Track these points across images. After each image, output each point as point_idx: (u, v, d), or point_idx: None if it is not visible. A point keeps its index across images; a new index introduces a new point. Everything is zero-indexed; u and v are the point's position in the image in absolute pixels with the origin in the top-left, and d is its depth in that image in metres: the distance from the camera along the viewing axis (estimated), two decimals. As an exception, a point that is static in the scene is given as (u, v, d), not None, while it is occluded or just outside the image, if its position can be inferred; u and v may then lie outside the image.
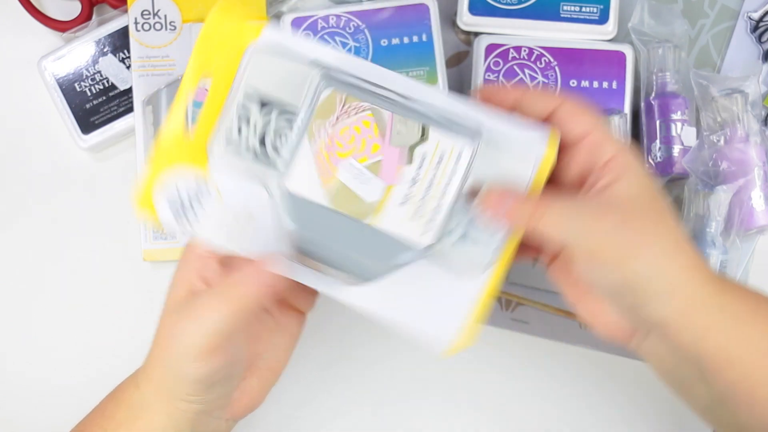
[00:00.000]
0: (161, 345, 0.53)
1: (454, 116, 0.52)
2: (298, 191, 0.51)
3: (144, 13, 0.72)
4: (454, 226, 0.52)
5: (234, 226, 0.53)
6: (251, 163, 0.52)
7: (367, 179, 0.51)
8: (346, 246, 0.51)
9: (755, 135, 0.70)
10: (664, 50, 0.71)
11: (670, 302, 0.50)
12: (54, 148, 0.74)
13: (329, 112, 0.51)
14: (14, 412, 0.72)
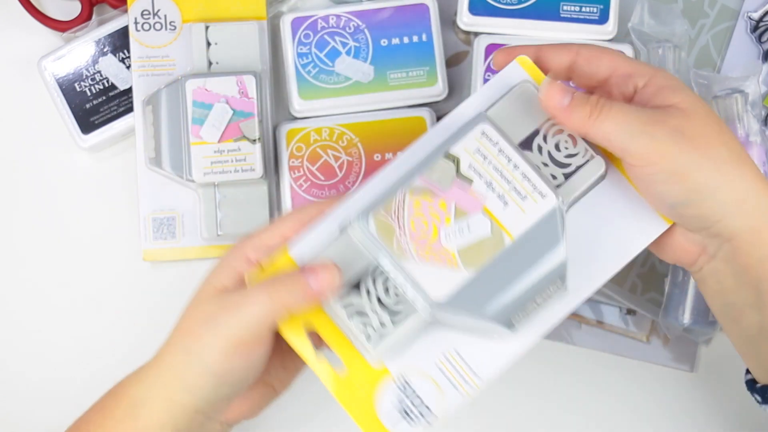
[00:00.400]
0: (186, 330, 0.53)
1: (454, 126, 0.52)
2: (446, 294, 0.50)
3: (144, 13, 0.72)
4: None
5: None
6: (403, 328, 0.51)
7: (471, 224, 0.50)
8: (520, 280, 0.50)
9: (755, 135, 0.70)
10: (664, 50, 0.71)
11: (740, 214, 0.50)
12: (54, 148, 0.74)
13: (390, 231, 0.50)
14: (13, 411, 0.72)
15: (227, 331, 0.51)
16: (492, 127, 0.51)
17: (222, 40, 0.71)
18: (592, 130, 0.50)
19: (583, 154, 0.52)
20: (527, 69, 0.54)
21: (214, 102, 0.69)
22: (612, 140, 0.50)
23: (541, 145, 0.52)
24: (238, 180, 0.69)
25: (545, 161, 0.52)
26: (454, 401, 0.52)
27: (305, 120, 0.72)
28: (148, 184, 0.71)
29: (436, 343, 0.52)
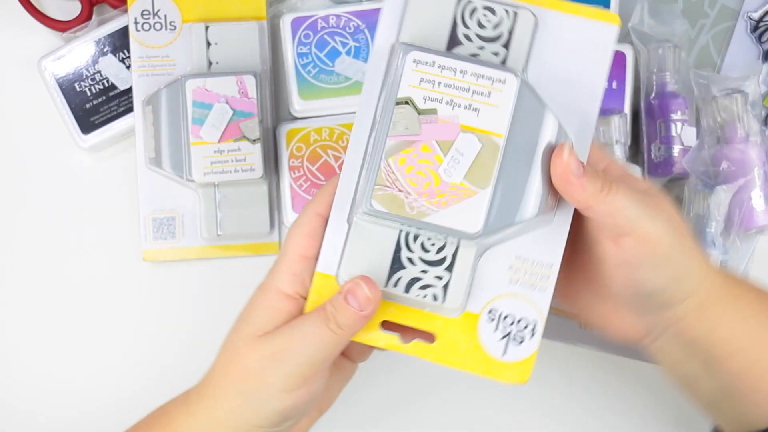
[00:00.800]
0: (243, 375, 0.51)
1: (381, 71, 0.51)
2: (480, 221, 0.49)
3: (144, 13, 0.72)
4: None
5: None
6: (459, 269, 0.51)
7: (459, 148, 0.49)
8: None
9: (755, 135, 0.70)
10: (664, 50, 0.71)
11: (693, 299, 0.52)
12: (54, 148, 0.74)
13: (396, 200, 0.49)
14: (13, 411, 0.72)
15: (293, 369, 0.50)
16: (418, 50, 0.49)
17: (222, 40, 0.71)
18: (602, 204, 0.49)
19: (507, 16, 0.51)
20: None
21: (214, 102, 0.69)
22: (620, 217, 0.49)
23: (465, 33, 0.51)
24: (238, 180, 0.69)
25: (480, 45, 0.51)
26: (544, 300, 0.51)
27: (305, 120, 0.72)
28: (148, 184, 0.71)
29: (496, 263, 0.51)
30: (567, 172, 0.48)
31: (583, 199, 0.49)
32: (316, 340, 0.49)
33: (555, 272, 0.51)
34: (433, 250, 0.50)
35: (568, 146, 0.49)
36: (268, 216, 0.71)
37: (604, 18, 0.51)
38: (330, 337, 0.49)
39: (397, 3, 0.51)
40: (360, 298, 0.49)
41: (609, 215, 0.49)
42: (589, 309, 0.55)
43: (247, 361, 0.51)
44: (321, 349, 0.50)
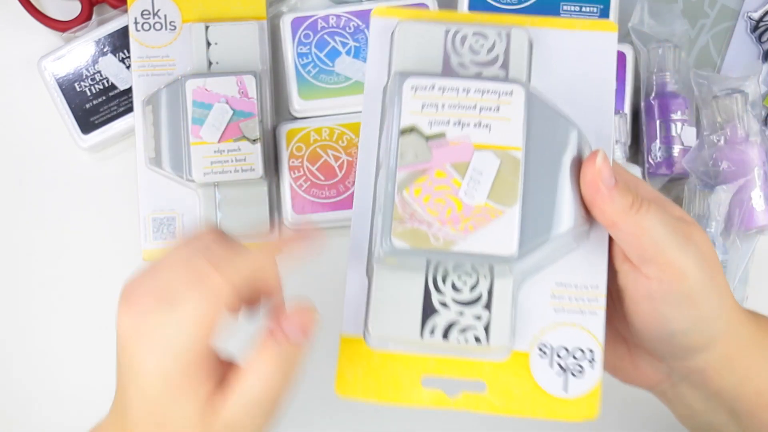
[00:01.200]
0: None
1: (377, 105, 0.49)
2: (513, 242, 0.45)
3: (144, 13, 0.72)
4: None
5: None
6: (498, 304, 0.47)
7: (477, 167, 0.46)
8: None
9: (755, 135, 0.70)
10: (664, 50, 0.71)
11: (721, 346, 0.48)
12: (54, 148, 0.74)
13: (419, 234, 0.45)
14: (13, 411, 0.72)
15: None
16: (415, 77, 0.46)
17: (222, 40, 0.71)
18: (629, 222, 0.45)
19: (499, 38, 0.48)
20: (387, 14, 0.50)
21: (214, 102, 0.69)
22: (646, 239, 0.45)
23: (459, 62, 0.48)
24: (238, 180, 0.69)
25: (477, 71, 0.48)
26: (597, 324, 0.47)
27: (305, 120, 0.72)
28: (148, 184, 0.71)
29: (537, 293, 0.47)
30: (597, 180, 0.45)
31: (610, 212, 0.45)
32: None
33: (603, 293, 0.47)
34: (466, 288, 0.46)
35: (602, 153, 0.45)
36: (268, 216, 0.71)
37: (600, 27, 0.49)
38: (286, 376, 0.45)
39: (382, 40, 0.49)
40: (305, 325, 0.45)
41: (635, 236, 0.45)
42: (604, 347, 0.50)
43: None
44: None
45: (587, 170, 0.45)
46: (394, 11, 0.50)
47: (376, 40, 0.49)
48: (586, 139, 0.47)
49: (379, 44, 0.49)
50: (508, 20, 0.49)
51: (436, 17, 0.49)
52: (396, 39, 0.48)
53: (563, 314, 0.47)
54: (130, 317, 0.46)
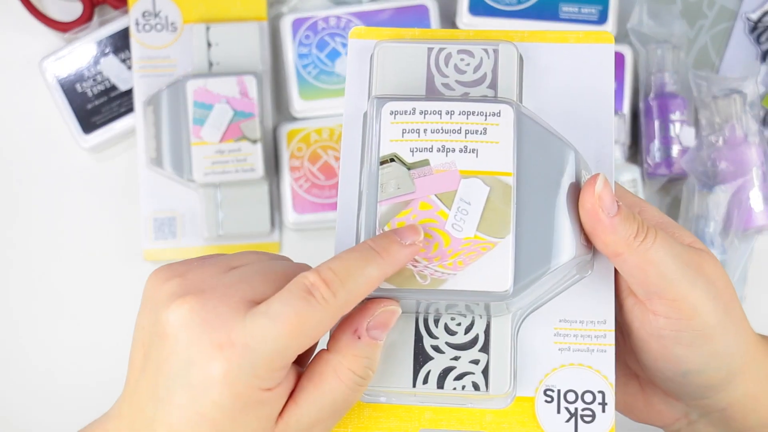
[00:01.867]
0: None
1: (355, 132, 0.46)
2: (508, 276, 0.41)
3: (145, 14, 0.72)
4: None
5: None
6: (496, 346, 0.43)
7: (464, 197, 0.42)
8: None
9: (753, 135, 0.70)
10: (663, 51, 0.71)
11: (743, 384, 0.44)
12: (55, 148, 0.74)
13: (405, 272, 0.41)
14: (13, 411, 0.72)
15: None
16: (393, 100, 0.43)
17: (223, 41, 0.71)
18: (634, 254, 0.41)
19: (487, 55, 0.45)
20: (365, 36, 0.47)
21: (214, 102, 0.69)
22: (654, 273, 0.41)
23: (444, 82, 0.44)
24: (239, 180, 0.70)
25: (463, 92, 0.44)
26: (607, 363, 0.43)
27: (306, 120, 0.73)
28: (149, 185, 0.72)
29: (538, 332, 0.43)
30: (597, 208, 0.41)
31: (612, 243, 0.41)
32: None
33: (611, 328, 0.43)
34: (461, 330, 0.43)
35: (602, 177, 0.41)
36: (269, 216, 0.71)
37: (596, 39, 0.46)
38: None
39: (361, 64, 0.46)
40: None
41: (640, 268, 0.41)
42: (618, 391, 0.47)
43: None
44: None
45: (586, 197, 0.41)
46: (372, 32, 0.47)
47: (355, 64, 0.46)
48: (583, 160, 0.44)
49: (358, 68, 0.46)
50: (495, 36, 0.46)
51: (418, 36, 0.46)
52: (375, 61, 0.45)
53: (569, 354, 0.43)
54: (196, 313, 0.38)
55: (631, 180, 0.70)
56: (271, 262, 0.42)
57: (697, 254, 0.43)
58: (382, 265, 0.39)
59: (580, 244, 0.42)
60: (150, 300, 0.40)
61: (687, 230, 0.45)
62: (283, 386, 0.39)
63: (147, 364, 0.40)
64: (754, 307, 0.71)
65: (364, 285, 0.39)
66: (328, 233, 0.73)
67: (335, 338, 0.40)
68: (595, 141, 0.45)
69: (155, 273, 0.41)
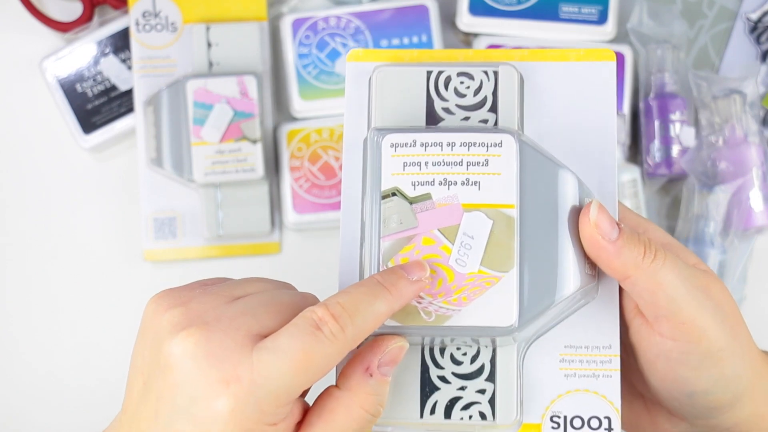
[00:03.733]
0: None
1: (355, 163, 0.45)
2: (513, 311, 0.41)
3: (145, 14, 0.72)
4: None
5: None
6: (502, 375, 0.43)
7: (467, 231, 0.42)
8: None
9: (753, 135, 0.70)
10: (663, 51, 0.72)
11: (750, 404, 0.44)
12: (55, 148, 0.74)
13: (409, 309, 0.41)
14: (13, 412, 0.72)
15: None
16: (393, 133, 0.42)
17: (223, 41, 0.71)
18: (644, 276, 0.40)
19: (487, 77, 0.44)
20: (363, 59, 0.46)
21: (214, 102, 0.69)
22: (662, 295, 0.41)
23: (444, 106, 0.44)
24: (239, 180, 0.70)
25: (464, 116, 0.44)
26: (612, 388, 0.43)
27: (306, 120, 0.73)
28: (149, 185, 0.72)
29: (544, 359, 0.43)
30: (596, 235, 0.40)
31: (619, 266, 0.40)
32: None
33: (616, 353, 0.43)
34: (467, 360, 0.42)
35: (596, 204, 0.41)
36: (269, 216, 0.71)
37: (597, 57, 0.45)
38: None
39: (359, 90, 0.45)
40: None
41: (650, 291, 0.41)
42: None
43: None
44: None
45: (584, 226, 0.41)
46: (370, 54, 0.46)
47: (353, 87, 0.45)
48: (586, 187, 0.43)
49: (356, 91, 0.45)
50: (495, 56, 0.45)
51: (416, 58, 0.45)
52: (374, 86, 0.44)
53: (574, 380, 0.43)
54: (201, 347, 0.37)
55: (631, 180, 0.70)
56: (276, 292, 0.41)
57: (704, 276, 0.42)
58: (390, 301, 0.39)
59: (585, 273, 0.42)
60: (151, 328, 0.40)
61: (691, 251, 0.45)
62: (287, 420, 0.38)
63: (147, 393, 0.39)
64: (754, 307, 0.71)
65: (373, 320, 0.39)
66: (328, 233, 0.73)
67: (346, 375, 0.40)
68: (599, 162, 0.44)
69: (156, 299, 0.40)
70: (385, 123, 0.44)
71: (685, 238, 0.70)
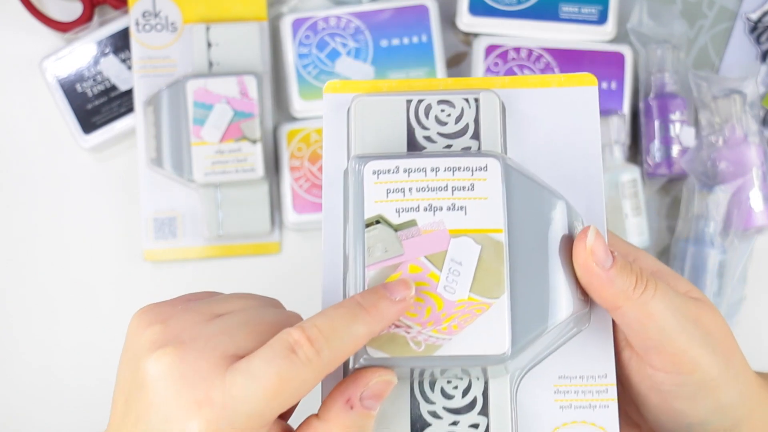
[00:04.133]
0: None
1: (337, 192, 0.44)
2: (505, 338, 0.40)
3: (145, 14, 0.72)
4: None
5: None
6: (495, 408, 0.42)
7: (455, 257, 0.40)
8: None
9: (753, 135, 0.70)
10: (663, 51, 0.72)
11: (747, 429, 0.43)
12: (55, 148, 0.74)
13: (397, 339, 0.40)
14: (13, 411, 0.72)
15: None
16: (375, 160, 0.41)
17: (223, 41, 0.72)
18: (634, 307, 0.40)
19: (468, 105, 0.43)
20: (340, 90, 0.45)
21: (214, 102, 0.69)
22: (653, 327, 0.40)
23: (425, 135, 0.43)
24: (239, 180, 0.70)
25: (445, 144, 0.43)
26: (610, 419, 0.42)
27: (306, 120, 0.73)
28: (149, 185, 0.72)
29: (538, 390, 0.42)
30: (591, 262, 0.40)
31: (611, 296, 0.40)
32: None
33: (612, 382, 0.42)
34: (458, 393, 0.41)
35: (593, 230, 0.40)
36: (269, 216, 0.71)
37: (578, 82, 0.44)
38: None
39: (338, 122, 0.44)
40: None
41: (640, 322, 0.40)
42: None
43: None
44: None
45: (578, 252, 0.40)
46: (347, 85, 0.45)
47: (332, 120, 0.44)
48: (575, 211, 0.43)
49: (335, 123, 0.44)
50: (475, 84, 0.45)
51: (395, 88, 0.45)
52: (353, 116, 0.43)
53: (570, 411, 0.42)
54: (175, 367, 0.37)
55: (631, 180, 0.70)
56: (259, 310, 0.40)
57: (695, 305, 0.42)
58: (370, 323, 0.38)
59: (577, 299, 0.41)
60: (131, 344, 0.39)
61: (683, 278, 0.44)
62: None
63: (128, 412, 0.38)
64: (754, 307, 0.71)
65: (351, 344, 0.38)
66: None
67: (326, 406, 0.39)
68: (585, 187, 0.44)
69: (138, 315, 0.40)
70: (366, 152, 0.43)
71: (685, 238, 0.70)
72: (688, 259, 0.69)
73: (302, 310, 0.78)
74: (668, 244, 0.72)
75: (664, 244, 0.73)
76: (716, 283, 0.69)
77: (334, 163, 0.44)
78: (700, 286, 0.69)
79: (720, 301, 0.69)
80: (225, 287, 0.72)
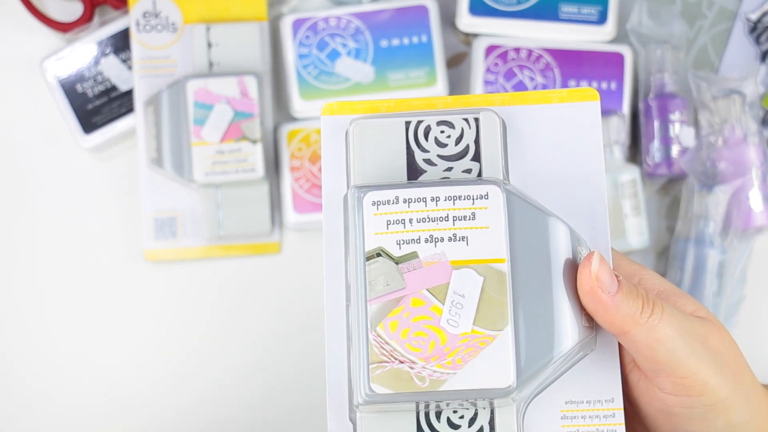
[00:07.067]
0: None
1: (336, 222, 0.44)
2: (510, 371, 0.40)
3: (145, 14, 0.72)
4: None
5: None
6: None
7: (458, 289, 0.40)
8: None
9: (753, 135, 0.70)
10: (663, 51, 0.72)
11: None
12: (56, 148, 0.74)
13: (401, 376, 0.40)
14: (13, 412, 0.72)
15: None
16: (374, 190, 0.41)
17: (223, 41, 0.72)
18: (643, 331, 0.39)
19: (468, 125, 0.43)
20: (338, 111, 0.45)
21: (215, 103, 0.69)
22: (661, 351, 0.40)
23: (425, 158, 0.43)
24: (240, 180, 0.70)
25: (446, 167, 0.42)
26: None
27: (306, 121, 0.73)
28: (149, 185, 0.72)
29: (544, 417, 0.42)
30: (596, 289, 0.39)
31: (617, 322, 0.39)
32: None
33: (620, 407, 0.41)
34: (464, 423, 0.41)
35: (597, 256, 0.39)
36: (269, 216, 0.72)
37: (580, 98, 0.44)
38: None
39: (336, 143, 0.44)
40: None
41: (648, 346, 0.40)
42: None
43: None
44: None
45: (583, 279, 0.40)
46: (345, 106, 0.44)
47: (330, 142, 0.44)
48: (578, 235, 0.42)
49: (333, 146, 0.44)
50: (474, 102, 0.44)
51: (393, 108, 0.44)
52: (351, 140, 0.43)
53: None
54: None
55: (631, 180, 0.70)
56: None
57: (702, 325, 0.41)
58: None
59: (582, 326, 0.41)
60: None
61: (689, 296, 0.44)
62: None
63: None
64: (754, 307, 0.72)
65: None
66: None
67: None
68: (588, 209, 0.43)
69: None
70: (365, 178, 0.42)
71: (685, 238, 0.70)
72: (687, 259, 0.69)
73: (302, 310, 0.79)
74: (668, 244, 0.72)
75: (664, 244, 0.73)
76: (716, 283, 0.69)
77: (333, 188, 0.43)
78: (699, 286, 0.69)
79: (719, 301, 0.69)
80: (225, 287, 0.72)
